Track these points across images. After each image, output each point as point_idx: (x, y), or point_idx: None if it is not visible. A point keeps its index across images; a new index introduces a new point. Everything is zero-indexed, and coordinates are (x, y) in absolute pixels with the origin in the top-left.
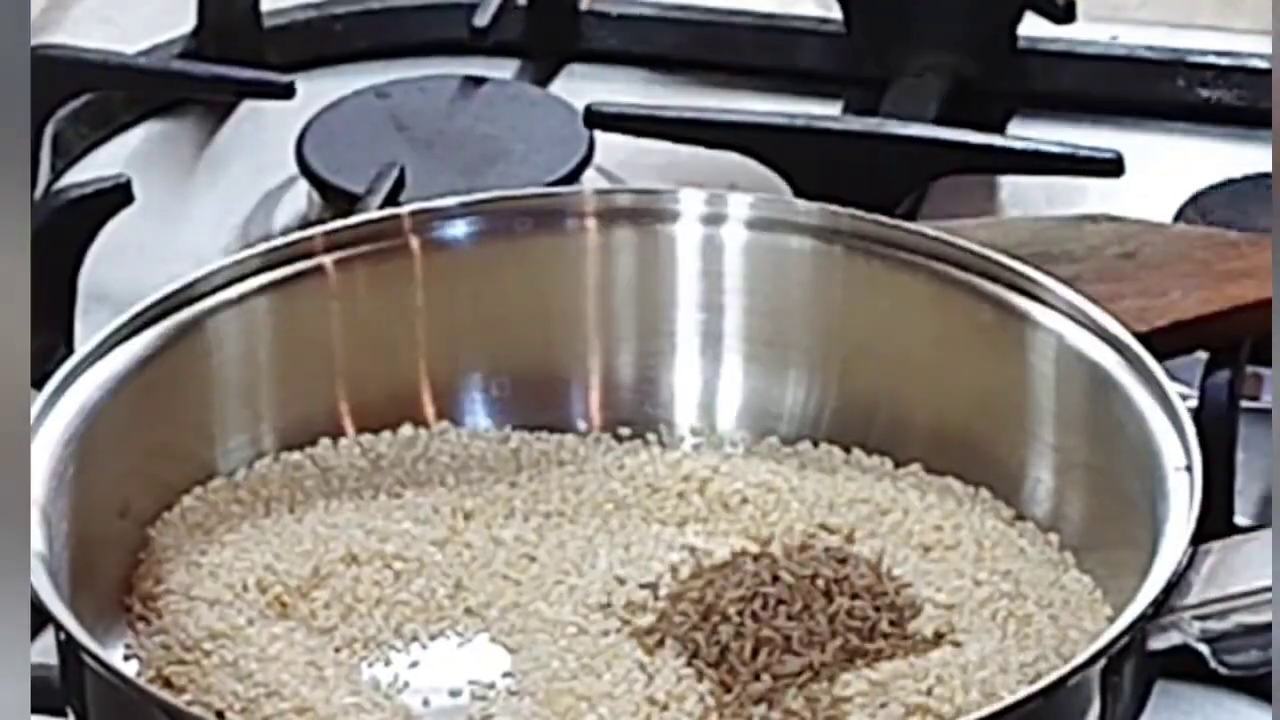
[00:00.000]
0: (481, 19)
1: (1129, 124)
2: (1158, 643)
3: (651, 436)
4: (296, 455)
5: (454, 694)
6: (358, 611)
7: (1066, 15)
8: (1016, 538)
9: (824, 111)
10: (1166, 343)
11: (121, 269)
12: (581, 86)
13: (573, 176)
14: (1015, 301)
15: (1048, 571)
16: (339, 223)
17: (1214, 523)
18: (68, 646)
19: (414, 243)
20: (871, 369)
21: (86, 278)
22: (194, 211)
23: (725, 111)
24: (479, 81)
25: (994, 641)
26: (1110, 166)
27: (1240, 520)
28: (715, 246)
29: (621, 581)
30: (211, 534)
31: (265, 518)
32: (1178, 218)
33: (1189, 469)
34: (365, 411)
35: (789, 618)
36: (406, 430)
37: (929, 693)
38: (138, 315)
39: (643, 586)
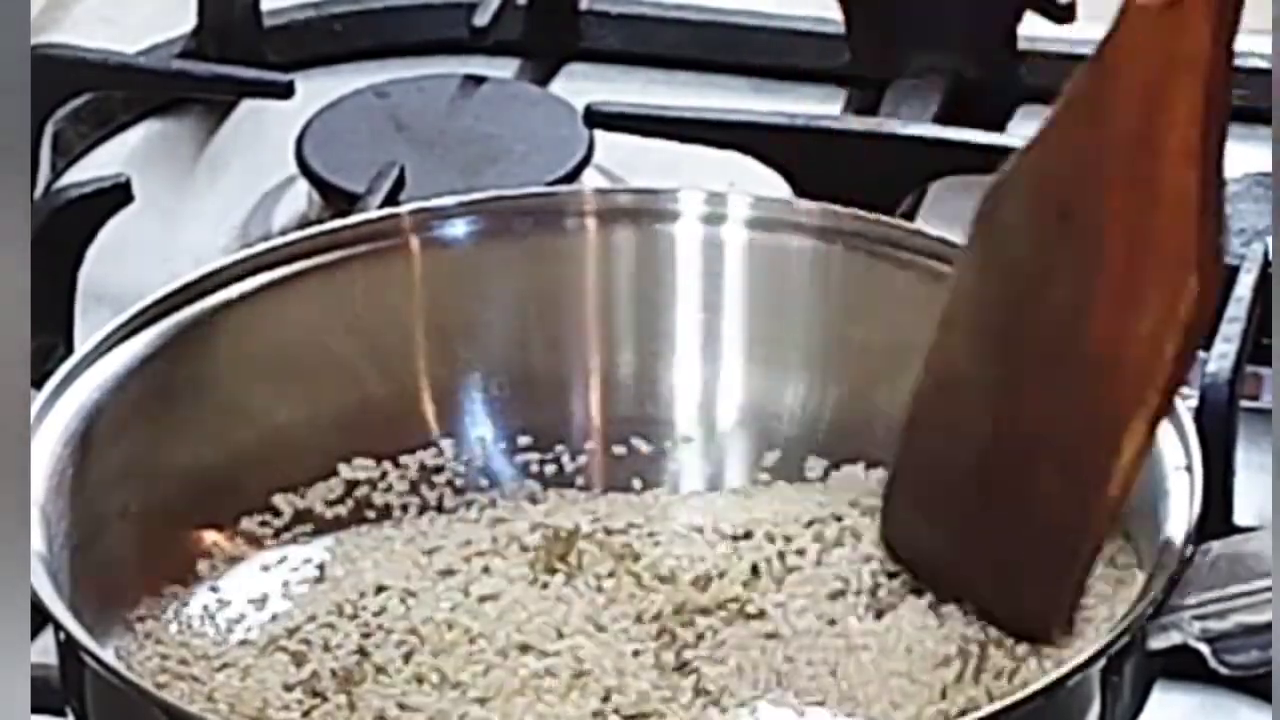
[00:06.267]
0: (481, 19)
1: None
2: (1158, 643)
3: (652, 436)
4: None
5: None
6: None
7: (1066, 15)
8: None
9: (824, 111)
10: None
11: (121, 269)
12: (581, 86)
13: (573, 176)
14: None
15: None
16: (339, 222)
17: (1214, 523)
18: (68, 646)
19: (414, 242)
20: (872, 369)
21: (86, 277)
22: (194, 211)
23: (725, 111)
24: (479, 81)
25: None
26: None
27: (1240, 520)
28: (715, 246)
29: None
30: None
31: None
32: None
33: (1189, 469)
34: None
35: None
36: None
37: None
38: (138, 315)
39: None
